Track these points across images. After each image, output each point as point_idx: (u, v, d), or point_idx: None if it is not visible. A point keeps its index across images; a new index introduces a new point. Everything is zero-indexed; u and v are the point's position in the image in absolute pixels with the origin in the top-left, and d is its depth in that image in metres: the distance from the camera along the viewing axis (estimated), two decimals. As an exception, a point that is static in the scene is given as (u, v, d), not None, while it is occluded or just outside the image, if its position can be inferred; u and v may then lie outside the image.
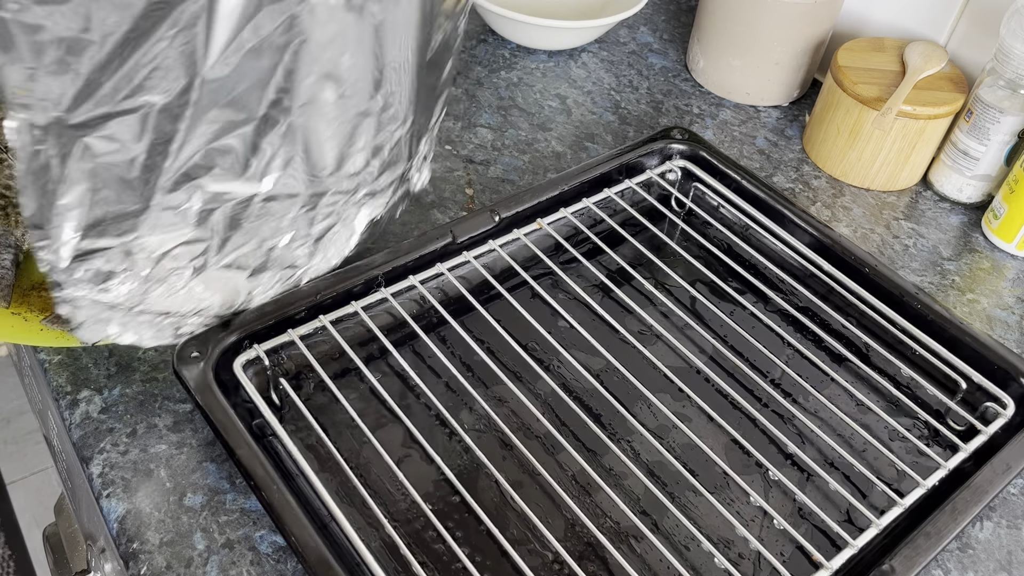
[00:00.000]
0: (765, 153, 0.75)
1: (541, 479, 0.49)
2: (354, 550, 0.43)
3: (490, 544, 0.46)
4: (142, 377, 0.53)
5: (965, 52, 0.73)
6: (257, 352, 0.51)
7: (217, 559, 0.45)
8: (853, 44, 0.73)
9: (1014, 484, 0.53)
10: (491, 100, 0.78)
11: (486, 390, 0.54)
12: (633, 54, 0.86)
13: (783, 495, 0.50)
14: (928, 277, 0.65)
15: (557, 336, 0.56)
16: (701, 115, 0.79)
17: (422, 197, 0.67)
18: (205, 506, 0.47)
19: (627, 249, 0.64)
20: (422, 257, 0.57)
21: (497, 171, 0.71)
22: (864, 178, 0.72)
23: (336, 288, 0.54)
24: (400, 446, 0.50)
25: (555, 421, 0.53)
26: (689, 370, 0.56)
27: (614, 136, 0.75)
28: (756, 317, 0.59)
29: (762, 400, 0.55)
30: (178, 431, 0.51)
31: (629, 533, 0.48)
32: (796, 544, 0.48)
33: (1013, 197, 0.65)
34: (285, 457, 0.48)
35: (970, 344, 0.55)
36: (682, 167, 0.68)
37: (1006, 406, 0.53)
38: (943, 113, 0.68)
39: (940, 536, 0.45)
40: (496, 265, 0.60)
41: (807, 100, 0.82)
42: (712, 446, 0.52)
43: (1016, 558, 0.49)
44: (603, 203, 0.65)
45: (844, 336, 0.59)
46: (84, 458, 0.49)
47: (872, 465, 0.52)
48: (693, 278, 0.62)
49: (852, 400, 0.55)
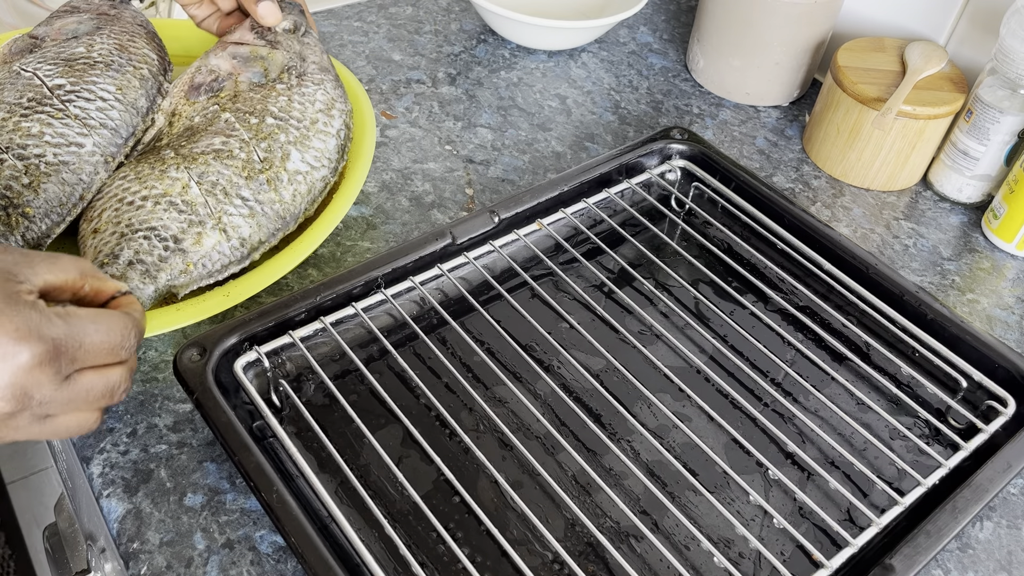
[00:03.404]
0: (765, 153, 0.75)
1: (541, 479, 0.49)
2: (354, 550, 0.43)
3: (490, 544, 0.46)
4: (142, 377, 0.53)
5: (965, 52, 0.73)
6: (258, 354, 0.51)
7: (217, 559, 0.45)
8: (853, 44, 0.73)
9: (1014, 484, 0.53)
10: (491, 100, 0.78)
11: (486, 390, 0.54)
12: (633, 54, 0.86)
13: (783, 494, 0.50)
14: (928, 277, 0.65)
15: (557, 336, 0.56)
16: (701, 115, 0.79)
17: (422, 197, 0.67)
18: (205, 506, 0.47)
19: (627, 249, 0.64)
20: (422, 258, 0.57)
21: (497, 171, 0.71)
22: (864, 178, 0.72)
23: (336, 290, 0.54)
24: (400, 446, 0.50)
25: (555, 421, 0.53)
26: (689, 370, 0.56)
27: (614, 136, 0.75)
28: (756, 317, 0.59)
29: (762, 399, 0.55)
30: (178, 431, 0.51)
31: (629, 533, 0.48)
32: (796, 543, 0.48)
33: (1013, 197, 0.65)
34: (285, 458, 0.48)
35: (971, 342, 0.55)
36: (682, 167, 0.68)
37: (1007, 404, 0.53)
38: (943, 113, 0.68)
39: (940, 535, 0.45)
40: (496, 266, 0.60)
41: (807, 100, 0.82)
42: (712, 446, 0.52)
43: (1016, 558, 0.49)
44: (603, 203, 0.65)
45: (844, 335, 0.59)
46: (84, 458, 0.49)
47: (872, 464, 0.52)
48: (693, 278, 0.62)
49: (852, 399, 0.55)
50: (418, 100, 0.78)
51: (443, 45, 0.85)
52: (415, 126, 0.75)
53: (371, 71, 0.80)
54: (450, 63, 0.82)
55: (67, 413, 0.39)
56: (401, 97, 0.78)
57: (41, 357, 0.36)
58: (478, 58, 0.83)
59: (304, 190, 0.58)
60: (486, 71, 0.82)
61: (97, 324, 0.39)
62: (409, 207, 0.66)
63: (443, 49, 0.84)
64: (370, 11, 0.88)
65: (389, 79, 0.80)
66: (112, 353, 0.40)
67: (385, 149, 0.72)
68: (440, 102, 0.77)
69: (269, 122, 0.58)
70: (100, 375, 0.40)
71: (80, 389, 0.39)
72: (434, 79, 0.80)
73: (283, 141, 0.58)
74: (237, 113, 0.58)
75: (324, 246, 0.62)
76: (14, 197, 0.54)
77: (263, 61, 0.61)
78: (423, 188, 0.68)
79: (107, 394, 0.40)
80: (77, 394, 0.39)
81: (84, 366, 0.39)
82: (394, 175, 0.69)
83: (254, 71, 0.60)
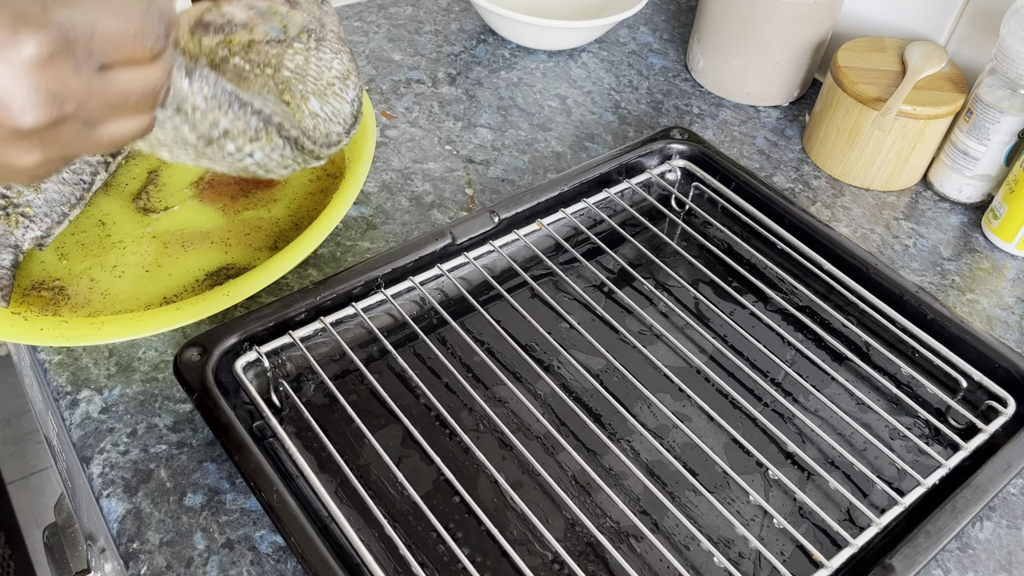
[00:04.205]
0: (765, 153, 0.75)
1: (541, 479, 0.49)
2: (354, 550, 0.43)
3: (490, 544, 0.46)
4: (142, 377, 0.53)
5: (965, 52, 0.73)
6: (258, 354, 0.51)
7: (217, 559, 0.45)
8: (853, 44, 0.73)
9: (1014, 484, 0.53)
10: (491, 100, 0.78)
11: (486, 390, 0.54)
12: (633, 54, 0.86)
13: (783, 494, 0.50)
14: (928, 277, 0.65)
15: (557, 336, 0.56)
16: (701, 115, 0.79)
17: (422, 197, 0.67)
18: (205, 506, 0.47)
19: (627, 249, 0.64)
20: (422, 258, 0.57)
21: (497, 171, 0.71)
22: (864, 178, 0.72)
23: (336, 290, 0.54)
24: (400, 446, 0.50)
25: (555, 421, 0.53)
26: (689, 370, 0.56)
27: (614, 136, 0.75)
28: (756, 317, 0.59)
29: (762, 399, 0.55)
30: (178, 431, 0.51)
31: (629, 533, 0.48)
32: (796, 543, 0.48)
33: (1013, 197, 0.65)
34: (285, 458, 0.48)
35: (971, 342, 0.55)
36: (682, 167, 0.68)
37: (1007, 404, 0.53)
38: (943, 113, 0.68)
39: (940, 535, 0.45)
40: (496, 266, 0.60)
41: (807, 100, 0.82)
42: (712, 446, 0.52)
43: (1016, 558, 0.49)
44: (603, 203, 0.65)
45: (844, 335, 0.59)
46: (84, 458, 0.49)
47: (872, 464, 0.52)
48: (693, 278, 0.62)
49: (852, 399, 0.55)
50: (418, 100, 0.78)
51: (443, 45, 0.85)
52: (415, 126, 0.75)
53: (371, 71, 0.80)
54: (450, 63, 0.82)
55: (113, 118, 0.36)
56: (401, 97, 0.78)
57: (49, 47, 0.32)
58: (478, 58, 0.83)
59: (322, 133, 0.54)
60: (486, 71, 0.82)
61: (107, 5, 0.34)
62: (409, 207, 0.66)
63: (443, 49, 0.84)
64: (370, 11, 0.88)
65: (389, 79, 0.80)
66: (136, 41, 0.35)
67: (385, 149, 0.72)
68: (440, 102, 0.77)
69: (285, 74, 0.54)
70: (135, 72, 0.36)
71: (116, 88, 0.35)
72: (434, 79, 0.80)
73: (300, 89, 0.54)
74: (251, 63, 0.54)
75: (324, 246, 0.62)
76: (14, 197, 0.54)
77: (281, 18, 0.58)
78: (423, 188, 0.68)
79: (149, 94, 0.37)
80: (115, 94, 0.35)
81: (109, 60, 0.35)
82: (394, 175, 0.69)
83: (272, 25, 0.55)
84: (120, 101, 0.36)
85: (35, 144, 0.34)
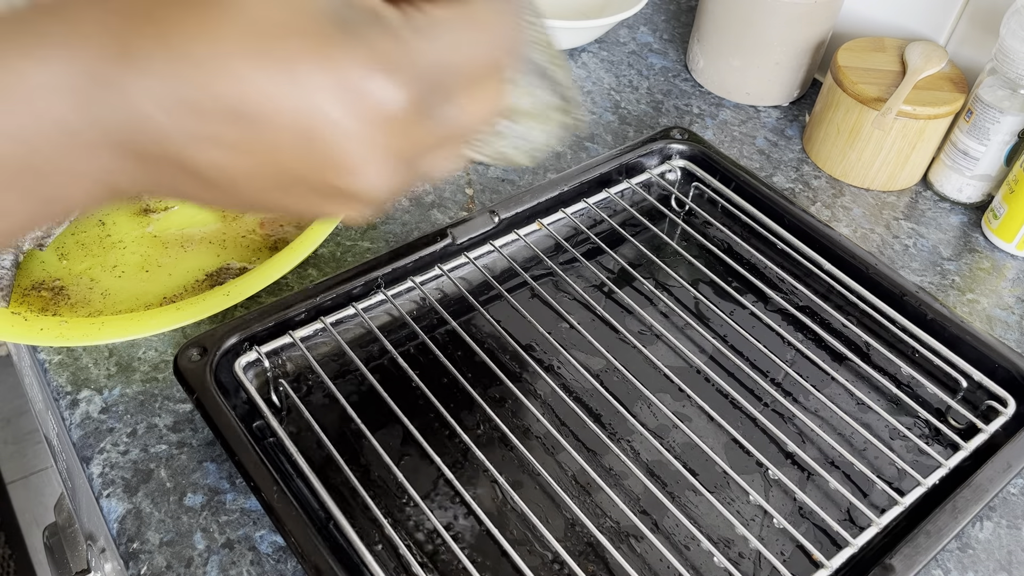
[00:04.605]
0: (765, 153, 0.75)
1: (541, 479, 0.49)
2: (354, 550, 0.43)
3: (490, 544, 0.46)
4: (142, 377, 0.53)
5: (965, 52, 0.73)
6: (258, 354, 0.51)
7: (217, 559, 0.45)
8: (853, 44, 0.73)
9: (1014, 483, 0.53)
10: (491, 100, 0.78)
11: (486, 390, 0.54)
12: (633, 54, 0.86)
13: (783, 494, 0.50)
14: (928, 277, 0.65)
15: (557, 336, 0.56)
16: (701, 115, 0.79)
17: (422, 197, 0.67)
18: (205, 506, 0.47)
19: (627, 249, 0.64)
20: (422, 258, 0.57)
21: (497, 171, 0.71)
22: (864, 178, 0.72)
23: (336, 290, 0.54)
24: (400, 446, 0.50)
25: (555, 421, 0.53)
26: (689, 370, 0.56)
27: (614, 136, 0.75)
28: (756, 317, 0.59)
29: (762, 399, 0.55)
30: (178, 431, 0.51)
31: (629, 533, 0.48)
32: (796, 543, 0.48)
33: (1013, 197, 0.65)
34: (285, 458, 0.48)
35: (971, 342, 0.55)
36: (682, 167, 0.68)
37: (1007, 404, 0.53)
38: (943, 113, 0.68)
39: (940, 535, 0.45)
40: (496, 266, 0.60)
41: (807, 100, 0.82)
42: (712, 446, 0.52)
43: (1016, 558, 0.49)
44: (603, 203, 0.65)
45: (844, 335, 0.59)
46: (84, 458, 0.49)
47: (872, 464, 0.52)
48: (693, 278, 0.62)
49: (852, 399, 0.55)
50: (418, 100, 0.77)
51: (443, 45, 0.85)
52: (415, 126, 0.74)
53: (371, 71, 0.80)
54: (450, 63, 0.82)
55: (433, 153, 0.27)
56: (401, 97, 0.78)
57: (407, 100, 0.24)
58: (478, 58, 0.83)
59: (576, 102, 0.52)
60: (486, 71, 0.82)
61: (475, 27, 0.26)
62: (409, 207, 0.66)
63: (443, 49, 0.84)
64: (370, 11, 0.88)
65: (389, 79, 0.80)
66: (496, 72, 0.27)
67: (385, 149, 0.72)
68: (440, 102, 0.77)
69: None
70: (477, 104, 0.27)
71: (451, 125, 0.27)
72: (434, 79, 0.80)
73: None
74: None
75: (324, 246, 0.62)
76: (14, 197, 0.54)
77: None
78: (423, 188, 0.68)
79: (484, 122, 0.28)
80: (448, 133, 0.27)
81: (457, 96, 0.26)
82: (394, 175, 0.69)
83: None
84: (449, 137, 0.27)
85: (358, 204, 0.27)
